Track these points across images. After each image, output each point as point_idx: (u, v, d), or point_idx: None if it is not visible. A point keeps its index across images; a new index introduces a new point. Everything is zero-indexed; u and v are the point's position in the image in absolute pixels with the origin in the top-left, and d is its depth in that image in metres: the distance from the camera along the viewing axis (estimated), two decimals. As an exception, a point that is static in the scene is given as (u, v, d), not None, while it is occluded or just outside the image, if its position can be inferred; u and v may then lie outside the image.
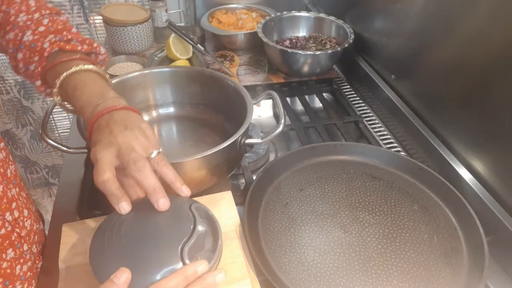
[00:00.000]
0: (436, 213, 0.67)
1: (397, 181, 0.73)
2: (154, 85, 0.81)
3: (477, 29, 0.68)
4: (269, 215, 0.66)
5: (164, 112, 0.84)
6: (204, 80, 0.81)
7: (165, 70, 0.82)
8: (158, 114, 0.84)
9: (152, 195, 0.49)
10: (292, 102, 1.04)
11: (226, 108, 0.80)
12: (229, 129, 0.76)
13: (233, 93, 0.75)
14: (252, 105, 0.70)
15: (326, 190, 0.71)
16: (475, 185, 0.69)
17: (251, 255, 0.57)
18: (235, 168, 0.73)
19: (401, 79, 0.91)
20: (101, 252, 0.47)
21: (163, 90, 0.82)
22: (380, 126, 0.94)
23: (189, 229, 0.48)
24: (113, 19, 1.10)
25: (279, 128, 0.68)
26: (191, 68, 0.99)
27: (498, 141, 0.65)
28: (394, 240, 0.63)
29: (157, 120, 0.84)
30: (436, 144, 0.77)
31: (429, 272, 0.58)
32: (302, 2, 1.34)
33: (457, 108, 0.74)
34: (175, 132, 0.85)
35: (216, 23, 1.22)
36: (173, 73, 0.81)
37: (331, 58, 1.01)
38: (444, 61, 0.76)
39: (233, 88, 0.75)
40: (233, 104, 0.76)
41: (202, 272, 0.45)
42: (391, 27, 0.93)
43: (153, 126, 0.83)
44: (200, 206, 0.53)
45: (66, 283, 0.52)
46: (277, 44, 1.01)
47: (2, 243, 0.53)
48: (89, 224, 0.58)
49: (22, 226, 0.58)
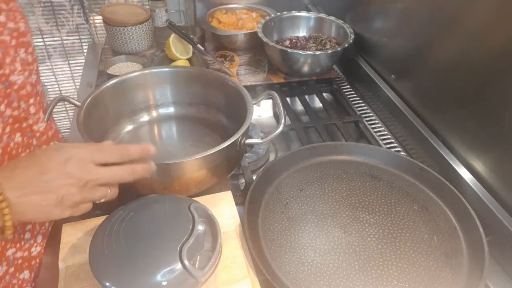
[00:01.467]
0: (436, 213, 0.67)
1: (397, 181, 0.73)
2: (155, 85, 0.81)
3: (477, 29, 0.68)
4: (269, 215, 0.66)
5: (165, 112, 0.84)
6: (204, 80, 0.81)
7: (165, 70, 0.81)
8: (158, 114, 0.84)
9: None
10: (292, 102, 1.04)
11: (227, 108, 0.80)
12: (230, 129, 0.76)
13: (234, 93, 0.75)
14: (252, 105, 0.70)
15: (326, 190, 0.71)
16: (475, 185, 0.69)
17: (251, 255, 0.57)
18: (235, 168, 0.73)
19: (401, 79, 0.91)
20: (101, 252, 0.47)
21: (163, 90, 0.82)
22: (380, 126, 0.94)
23: (188, 229, 0.48)
24: (113, 19, 1.10)
25: (279, 129, 0.68)
26: (191, 68, 0.99)
27: (498, 141, 0.65)
28: (394, 240, 0.62)
29: (157, 120, 0.84)
30: (436, 144, 0.77)
31: (429, 272, 0.58)
32: (302, 2, 1.34)
33: (457, 108, 0.74)
34: (175, 132, 0.84)
35: (216, 23, 1.22)
36: (173, 73, 0.81)
37: (331, 58, 1.01)
38: (444, 61, 0.76)
39: (233, 88, 0.75)
40: (233, 104, 0.76)
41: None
42: (391, 27, 0.93)
43: (153, 126, 0.83)
44: (199, 205, 0.53)
45: (66, 283, 0.52)
46: (277, 44, 1.01)
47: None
48: (89, 224, 0.58)
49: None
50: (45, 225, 0.65)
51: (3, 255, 0.57)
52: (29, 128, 0.58)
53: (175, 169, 0.61)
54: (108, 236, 0.48)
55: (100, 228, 0.50)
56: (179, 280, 0.45)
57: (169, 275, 0.45)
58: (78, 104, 0.69)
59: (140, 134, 0.81)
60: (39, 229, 0.63)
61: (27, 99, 0.57)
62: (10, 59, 0.54)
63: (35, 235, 0.62)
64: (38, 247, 0.63)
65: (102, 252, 0.47)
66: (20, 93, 0.56)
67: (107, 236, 0.48)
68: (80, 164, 0.46)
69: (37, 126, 0.59)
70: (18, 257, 0.59)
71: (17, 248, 0.58)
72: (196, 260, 0.48)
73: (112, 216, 0.51)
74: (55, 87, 1.66)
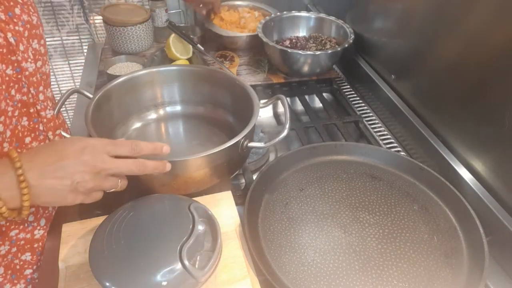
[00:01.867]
0: (436, 213, 0.67)
1: (397, 181, 0.73)
2: (163, 83, 0.81)
3: (477, 29, 0.68)
4: (269, 215, 0.66)
5: (172, 111, 0.84)
6: (212, 80, 0.81)
7: (174, 69, 0.82)
8: (166, 112, 0.84)
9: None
10: (292, 102, 1.04)
11: (234, 108, 0.80)
12: (236, 129, 0.76)
13: (241, 94, 0.75)
14: (258, 108, 0.69)
15: (326, 190, 0.71)
16: (475, 185, 0.69)
17: (251, 255, 0.57)
18: (237, 170, 0.73)
19: (401, 79, 0.91)
20: (101, 252, 0.47)
21: (171, 88, 0.82)
22: (380, 126, 0.94)
23: (188, 229, 0.48)
24: (113, 19, 1.10)
25: (284, 133, 0.66)
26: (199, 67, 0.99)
27: (498, 141, 0.65)
28: (394, 240, 0.62)
29: (165, 118, 0.84)
30: (436, 144, 0.77)
31: (429, 272, 0.58)
32: (302, 2, 1.34)
33: (457, 108, 0.74)
34: (182, 130, 0.85)
35: (218, 20, 1.21)
36: (181, 72, 0.82)
37: (331, 58, 1.01)
38: (444, 61, 0.76)
39: (241, 88, 0.75)
40: (240, 105, 0.75)
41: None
42: (391, 27, 0.93)
43: (161, 124, 0.84)
44: (199, 205, 0.53)
45: (66, 283, 0.52)
46: (277, 44, 1.01)
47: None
48: (89, 224, 0.58)
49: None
50: (48, 209, 0.66)
51: (6, 235, 0.59)
52: (36, 114, 0.60)
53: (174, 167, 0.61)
54: (108, 236, 0.48)
55: (100, 228, 0.50)
56: (179, 280, 0.45)
57: (169, 275, 0.45)
58: (90, 96, 0.70)
59: (147, 132, 0.81)
60: (42, 213, 0.65)
61: (37, 86, 0.60)
62: (24, 47, 0.56)
63: (38, 218, 0.63)
64: (41, 230, 0.64)
65: (102, 252, 0.47)
66: (30, 79, 0.58)
67: (107, 236, 0.48)
68: (95, 153, 0.49)
69: (44, 113, 0.62)
70: (21, 238, 0.60)
71: (20, 229, 0.60)
72: (196, 260, 0.48)
73: (112, 216, 0.51)
74: (55, 87, 1.66)
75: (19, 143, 0.58)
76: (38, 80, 0.60)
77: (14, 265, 0.61)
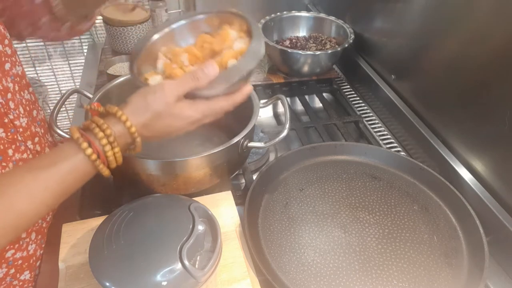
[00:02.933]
0: (436, 213, 0.67)
1: (397, 181, 0.73)
2: None
3: (477, 29, 0.68)
4: (269, 215, 0.66)
5: None
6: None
7: None
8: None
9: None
10: (292, 102, 1.04)
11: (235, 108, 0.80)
12: (237, 129, 0.76)
13: None
14: (258, 108, 0.70)
15: (326, 190, 0.71)
16: (475, 185, 0.69)
17: (251, 255, 0.57)
18: (237, 170, 0.73)
19: (401, 79, 0.91)
20: (101, 252, 0.47)
21: None
22: (380, 126, 0.94)
23: (188, 229, 0.48)
24: (113, 19, 1.10)
25: (284, 133, 0.66)
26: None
27: (498, 141, 0.65)
28: (394, 240, 0.62)
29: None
30: (436, 144, 0.77)
31: (429, 272, 0.58)
32: (302, 2, 1.34)
33: (457, 108, 0.74)
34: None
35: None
36: None
37: (331, 58, 1.01)
38: (444, 61, 0.76)
39: None
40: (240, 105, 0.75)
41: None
42: (391, 27, 0.93)
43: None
44: (199, 205, 0.53)
45: (66, 283, 0.52)
46: (277, 44, 1.01)
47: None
48: (89, 224, 0.58)
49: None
50: (38, 223, 0.65)
51: (2, 257, 0.57)
52: (11, 124, 0.57)
53: (173, 167, 0.61)
54: (108, 236, 0.48)
55: (100, 228, 0.50)
56: (179, 280, 0.45)
57: (169, 275, 0.45)
58: (90, 96, 0.70)
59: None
60: (32, 227, 0.63)
61: (5, 94, 0.55)
62: None
63: (29, 233, 0.62)
64: (33, 244, 0.63)
65: (102, 252, 0.47)
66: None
67: (107, 236, 0.48)
68: (182, 118, 0.51)
69: (18, 122, 0.58)
70: (18, 258, 0.59)
71: (16, 248, 0.59)
72: (196, 260, 0.48)
73: (112, 216, 0.51)
74: (55, 87, 1.66)
75: (3, 157, 0.55)
76: (5, 87, 0.55)
77: (13, 287, 0.60)
